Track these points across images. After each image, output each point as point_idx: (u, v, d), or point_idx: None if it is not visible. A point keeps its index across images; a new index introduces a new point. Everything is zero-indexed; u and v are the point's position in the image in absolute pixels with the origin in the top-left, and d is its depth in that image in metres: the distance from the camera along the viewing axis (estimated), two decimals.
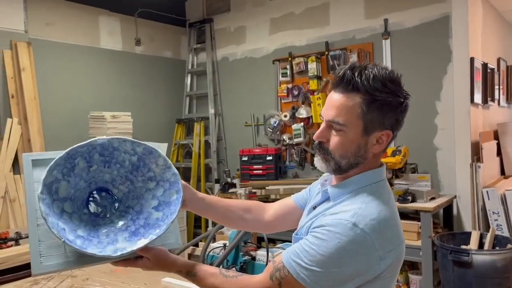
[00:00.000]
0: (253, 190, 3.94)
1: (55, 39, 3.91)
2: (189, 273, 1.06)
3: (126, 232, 1.02)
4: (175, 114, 5.03)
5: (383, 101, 0.99)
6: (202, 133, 4.88)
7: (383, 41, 3.78)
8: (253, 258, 2.01)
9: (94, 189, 1.07)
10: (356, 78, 1.00)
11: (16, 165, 3.50)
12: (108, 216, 1.07)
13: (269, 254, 1.94)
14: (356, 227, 0.92)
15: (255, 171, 4.20)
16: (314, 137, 1.07)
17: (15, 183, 3.40)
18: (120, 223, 1.05)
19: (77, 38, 4.09)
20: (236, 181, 4.38)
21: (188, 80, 5.09)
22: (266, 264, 1.92)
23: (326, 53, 4.06)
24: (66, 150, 0.98)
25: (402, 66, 3.68)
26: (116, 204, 1.08)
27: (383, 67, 1.01)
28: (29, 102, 3.53)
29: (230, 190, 4.19)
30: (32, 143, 3.50)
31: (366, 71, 1.00)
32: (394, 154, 3.18)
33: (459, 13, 3.31)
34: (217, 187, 4.57)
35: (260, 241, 2.27)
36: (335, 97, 1.05)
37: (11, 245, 2.88)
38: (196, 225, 4.85)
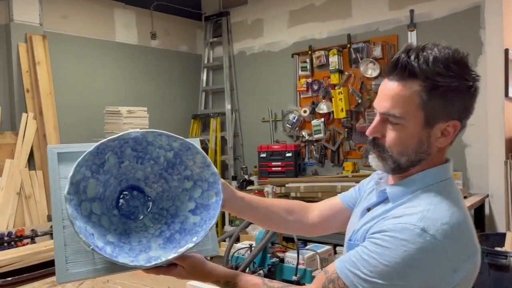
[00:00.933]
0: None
1: (70, 33, 3.83)
2: (228, 284, 0.95)
3: (160, 238, 0.91)
4: (191, 109, 4.92)
5: (447, 86, 0.84)
6: (219, 129, 4.77)
7: (409, 33, 3.62)
8: (281, 260, 1.89)
9: (125, 188, 0.96)
10: (413, 63, 0.85)
11: (31, 161, 3.43)
12: (140, 218, 0.96)
13: (299, 256, 1.82)
14: (426, 232, 0.80)
15: (273, 168, 4.08)
16: (367, 132, 0.94)
17: (30, 179, 3.33)
18: (154, 227, 0.94)
19: (92, 31, 4.01)
20: (253, 178, 4.27)
21: (204, 74, 4.98)
22: (296, 267, 1.80)
23: (348, 46, 3.92)
24: (96, 144, 0.87)
25: None
26: (149, 205, 0.97)
27: (445, 47, 0.87)
28: (44, 96, 3.46)
29: (248, 188, 4.08)
30: (47, 139, 3.43)
31: (424, 53, 0.86)
32: None
33: (493, 2, 3.15)
34: (233, 184, 4.46)
35: (288, 242, 2.16)
36: (390, 86, 0.90)
37: (27, 243, 2.80)
38: None
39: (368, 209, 0.98)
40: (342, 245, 1.10)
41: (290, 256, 1.89)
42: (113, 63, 4.17)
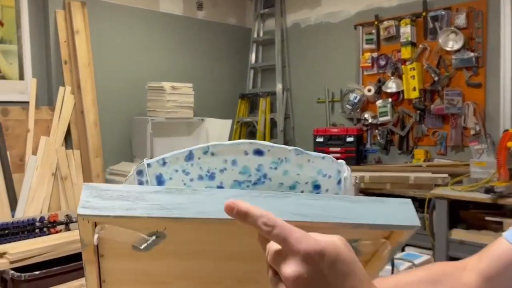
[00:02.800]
0: None
1: (111, 0, 3.49)
2: None
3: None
4: (238, 88, 4.52)
5: None
6: (268, 110, 4.35)
7: None
8: None
9: None
10: None
11: (68, 139, 3.15)
12: None
13: (394, 268, 1.38)
14: None
15: (332, 154, 3.60)
16: None
17: (67, 159, 3.04)
18: None
19: (135, 0, 3.66)
20: None
21: (254, 50, 4.55)
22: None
23: (424, 14, 3.36)
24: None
25: None
26: None
27: None
28: (82, 68, 3.15)
29: None
30: (85, 115, 3.13)
31: None
32: None
33: None
34: None
35: None
36: None
37: (60, 230, 2.51)
38: None
39: None
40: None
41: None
42: (156, 35, 3.81)
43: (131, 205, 0.41)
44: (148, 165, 0.47)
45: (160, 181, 0.47)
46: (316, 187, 0.53)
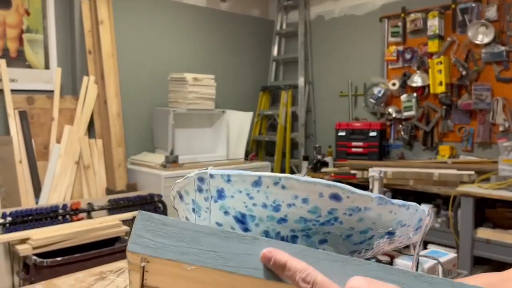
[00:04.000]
0: (352, 172, 3.33)
1: None
2: None
3: None
4: (260, 80, 4.49)
5: None
6: (289, 103, 4.31)
7: None
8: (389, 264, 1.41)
9: None
10: None
11: (91, 129, 3.18)
12: None
13: (419, 265, 1.33)
14: None
15: (353, 149, 3.56)
16: None
17: (89, 148, 3.08)
18: None
19: None
20: (328, 159, 3.78)
21: (276, 42, 4.51)
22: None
23: (453, 6, 3.25)
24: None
25: None
26: None
27: None
28: (106, 59, 3.17)
29: (323, 170, 3.61)
30: (108, 105, 3.16)
31: None
32: None
33: None
34: (304, 165, 4.00)
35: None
36: None
37: (82, 218, 2.55)
38: None
39: None
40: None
41: (403, 264, 1.40)
42: (179, 26, 3.81)
43: (184, 249, 0.39)
44: (211, 175, 0.44)
45: (221, 195, 0.44)
46: (390, 233, 0.48)
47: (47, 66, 3.09)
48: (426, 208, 0.50)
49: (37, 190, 2.81)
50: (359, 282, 0.37)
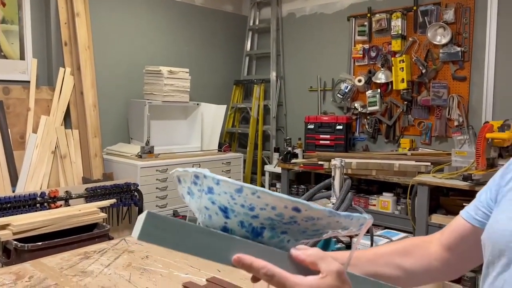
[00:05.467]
0: (319, 162, 3.52)
1: None
2: None
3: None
4: (233, 74, 4.63)
5: None
6: (262, 97, 4.46)
7: None
8: (348, 247, 1.60)
9: None
10: None
11: (67, 119, 3.25)
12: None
13: (373, 243, 1.52)
14: None
15: (321, 141, 3.76)
16: None
17: (66, 138, 3.15)
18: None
19: None
20: (297, 151, 3.97)
21: (249, 38, 4.65)
22: None
23: (415, 8, 3.48)
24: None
25: (511, 26, 3.07)
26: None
27: None
28: (82, 51, 3.23)
29: (292, 161, 3.79)
30: (84, 96, 3.22)
31: None
32: (502, 129, 2.64)
33: None
34: (275, 156, 4.18)
35: None
36: None
37: (60, 205, 2.63)
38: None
39: None
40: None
41: (359, 243, 1.58)
42: (155, 20, 3.89)
43: (179, 241, 0.53)
44: (205, 176, 0.57)
45: (210, 191, 0.57)
46: (336, 232, 0.64)
47: (22, 57, 3.13)
48: (367, 216, 0.64)
49: (14, 179, 2.87)
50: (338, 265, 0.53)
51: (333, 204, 1.58)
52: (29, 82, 3.09)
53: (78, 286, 1.22)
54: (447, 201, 2.95)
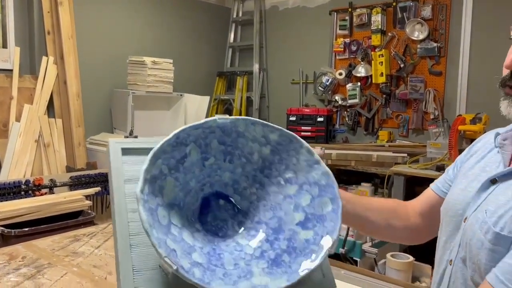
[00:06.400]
0: None
1: None
2: None
3: (263, 261, 0.66)
4: (216, 66, 4.67)
5: None
6: (245, 89, 4.53)
7: None
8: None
9: (209, 195, 0.72)
10: None
11: (50, 108, 3.25)
12: (229, 235, 0.71)
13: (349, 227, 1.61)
14: None
15: (303, 133, 3.85)
16: (509, 61, 0.69)
17: (49, 127, 3.15)
18: (251, 246, 0.69)
19: None
20: None
21: (232, 29, 4.69)
22: (345, 239, 1.60)
23: (394, 4, 3.58)
24: (174, 132, 0.66)
25: (485, 24, 3.21)
26: (241, 218, 0.73)
27: None
28: (66, 40, 3.23)
29: None
30: (68, 85, 3.23)
31: None
32: (474, 122, 2.77)
33: None
34: None
35: None
36: None
37: (45, 193, 2.65)
38: None
39: (494, 181, 0.75)
40: None
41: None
42: (139, 10, 3.90)
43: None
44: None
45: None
46: None
47: (5, 45, 3.11)
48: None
49: None
50: None
51: None
52: (11, 70, 3.07)
53: (70, 265, 1.27)
54: (422, 190, 3.08)
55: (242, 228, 0.71)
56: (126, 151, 0.71)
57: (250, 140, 0.71)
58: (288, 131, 0.73)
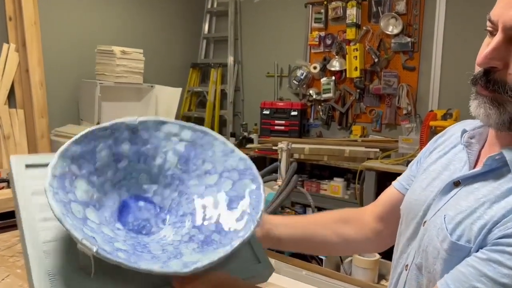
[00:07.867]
0: (274, 147, 3.56)
1: None
2: None
3: (193, 243, 0.65)
4: (190, 57, 4.55)
5: None
6: (219, 81, 4.44)
7: None
8: None
9: (127, 199, 0.69)
10: None
11: (11, 98, 3.09)
12: (154, 232, 0.69)
13: None
14: None
15: (276, 127, 3.80)
16: (481, 59, 0.63)
17: (10, 117, 3.00)
18: (179, 234, 0.68)
19: None
20: (253, 136, 3.99)
21: (207, 20, 4.58)
22: None
23: None
24: (82, 133, 0.65)
25: (458, 19, 3.21)
26: (165, 216, 0.71)
27: None
28: (28, 26, 3.07)
29: (248, 146, 3.81)
30: (30, 74, 3.07)
31: None
32: (445, 117, 2.77)
33: None
34: (231, 141, 4.18)
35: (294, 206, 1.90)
36: None
37: (3, 187, 2.52)
38: None
39: (457, 183, 0.69)
40: None
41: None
42: None
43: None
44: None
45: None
46: None
47: None
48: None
49: None
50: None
51: (279, 186, 1.61)
52: None
53: (14, 267, 1.18)
54: None
55: (168, 224, 0.70)
56: (30, 167, 0.69)
57: (162, 139, 0.72)
58: (199, 126, 0.74)
